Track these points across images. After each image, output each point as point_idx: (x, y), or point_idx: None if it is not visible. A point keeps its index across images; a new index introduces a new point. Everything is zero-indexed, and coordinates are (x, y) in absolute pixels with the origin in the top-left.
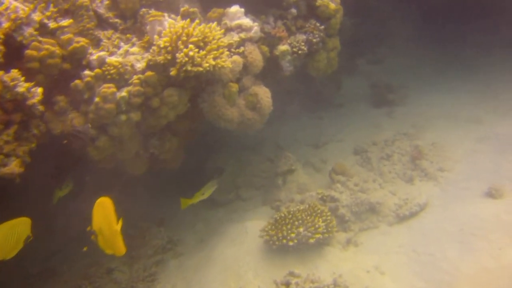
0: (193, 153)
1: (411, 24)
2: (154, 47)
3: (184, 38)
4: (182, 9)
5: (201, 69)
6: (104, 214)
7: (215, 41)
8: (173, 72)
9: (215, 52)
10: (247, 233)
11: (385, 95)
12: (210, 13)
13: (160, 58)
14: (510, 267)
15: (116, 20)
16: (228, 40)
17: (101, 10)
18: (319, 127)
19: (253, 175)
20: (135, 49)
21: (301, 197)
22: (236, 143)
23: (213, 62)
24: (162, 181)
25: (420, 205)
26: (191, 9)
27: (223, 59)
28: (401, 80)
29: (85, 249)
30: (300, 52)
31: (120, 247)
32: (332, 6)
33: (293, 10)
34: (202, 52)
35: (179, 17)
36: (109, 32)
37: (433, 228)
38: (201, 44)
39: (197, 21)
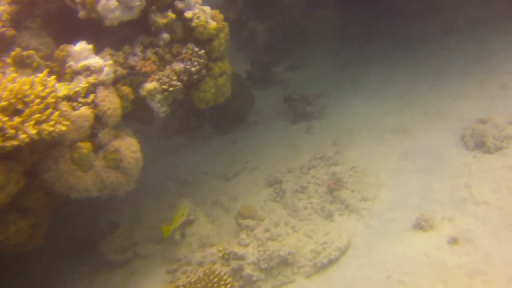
0: (81, 208)
1: (332, 22)
2: None
3: None
4: (12, 53)
5: (16, 142)
6: None
7: (38, 99)
8: None
9: (38, 115)
10: None
11: (303, 108)
12: (57, 51)
13: None
14: None
15: None
16: (71, 89)
17: None
18: (231, 153)
19: (153, 227)
20: None
21: (201, 256)
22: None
23: (34, 130)
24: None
25: (340, 249)
26: (25, 53)
27: (51, 123)
28: (322, 87)
29: None
30: (172, 89)
31: None
32: (213, 25)
33: (165, 35)
34: (17, 120)
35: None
36: None
37: (356, 278)
38: (20, 105)
39: (12, 75)
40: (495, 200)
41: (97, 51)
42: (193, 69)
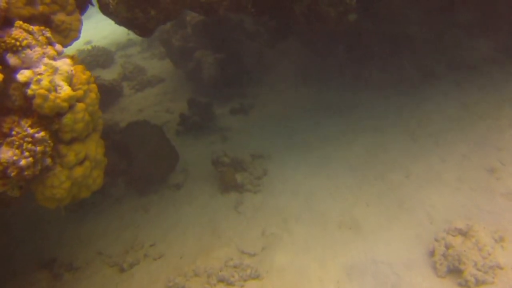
0: None
1: (295, 56)
2: None
3: None
4: None
5: None
6: None
7: None
8: None
9: None
10: None
11: (232, 176)
12: None
13: None
14: None
15: None
16: None
17: None
18: (138, 226)
19: None
20: None
21: None
22: None
23: None
24: None
25: None
26: None
27: None
28: (266, 142)
29: None
30: None
31: None
32: (63, 94)
33: None
34: None
35: None
36: None
37: None
38: None
39: None
40: None
41: None
42: (23, 162)
